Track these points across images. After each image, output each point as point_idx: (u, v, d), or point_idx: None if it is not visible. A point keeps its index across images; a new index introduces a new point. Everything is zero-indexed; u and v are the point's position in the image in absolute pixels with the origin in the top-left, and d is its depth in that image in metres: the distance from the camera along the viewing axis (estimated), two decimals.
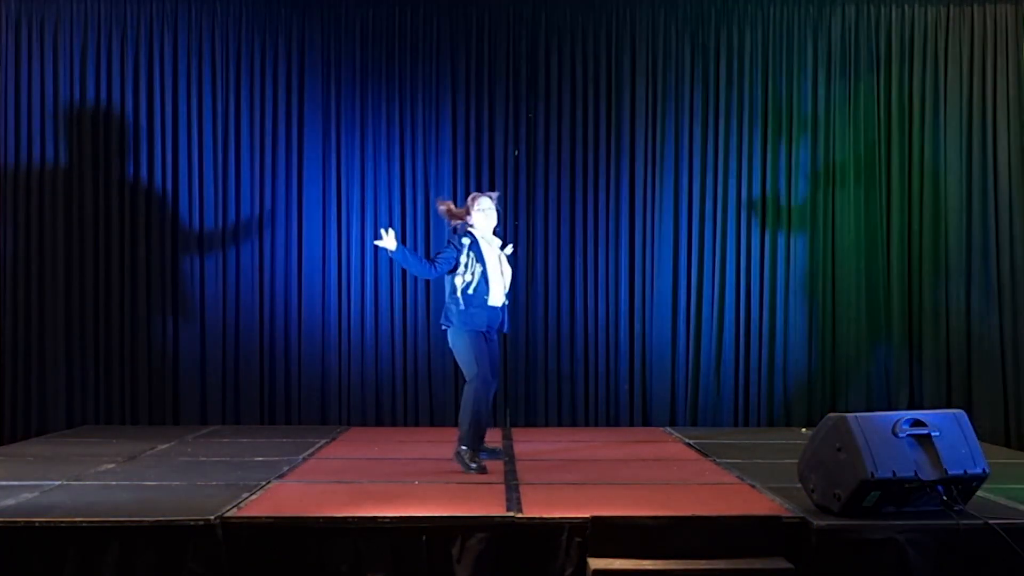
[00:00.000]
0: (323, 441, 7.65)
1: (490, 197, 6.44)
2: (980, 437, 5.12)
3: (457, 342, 6.29)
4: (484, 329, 6.26)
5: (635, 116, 8.89)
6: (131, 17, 8.80)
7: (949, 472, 4.86)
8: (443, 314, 6.36)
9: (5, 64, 8.77)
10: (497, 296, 6.30)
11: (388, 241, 6.20)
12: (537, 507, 5.09)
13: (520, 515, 4.92)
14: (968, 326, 8.78)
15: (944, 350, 8.81)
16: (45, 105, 8.77)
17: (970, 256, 8.81)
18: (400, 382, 8.81)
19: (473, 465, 6.15)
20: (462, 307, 6.20)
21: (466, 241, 6.28)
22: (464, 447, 6.21)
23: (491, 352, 6.34)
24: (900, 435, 4.87)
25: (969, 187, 8.84)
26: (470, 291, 6.21)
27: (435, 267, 6.28)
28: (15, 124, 8.77)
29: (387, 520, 4.86)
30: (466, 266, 6.23)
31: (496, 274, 6.29)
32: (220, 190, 8.84)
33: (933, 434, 4.90)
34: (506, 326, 6.49)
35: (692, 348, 8.85)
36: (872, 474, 4.74)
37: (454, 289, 6.27)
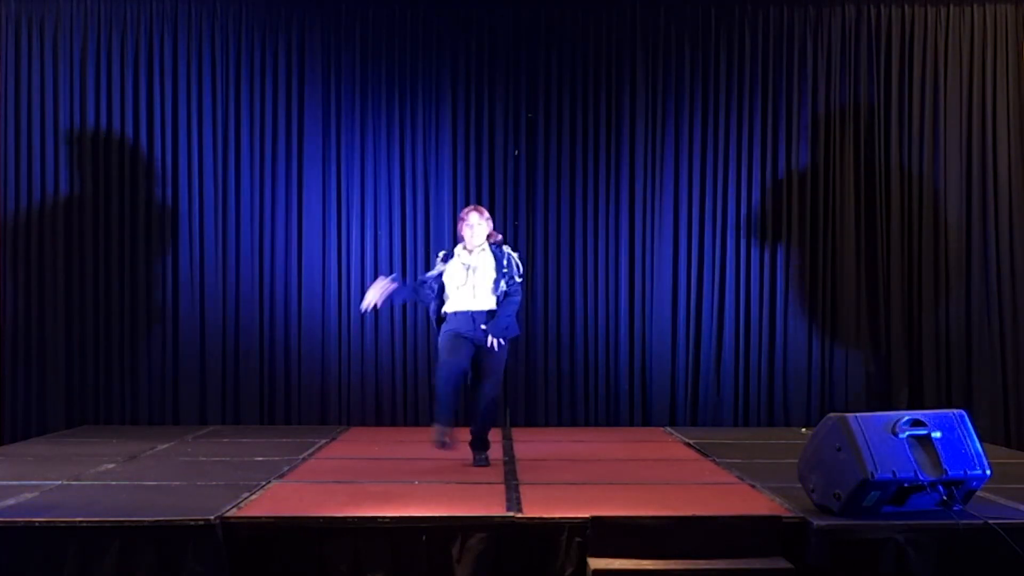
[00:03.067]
0: (323, 441, 7.65)
1: (476, 211, 6.64)
2: (980, 437, 5.11)
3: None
4: (453, 330, 6.54)
5: (635, 116, 8.89)
6: (131, 17, 8.80)
7: (949, 472, 4.85)
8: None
9: (5, 64, 8.77)
10: (458, 303, 6.51)
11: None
12: (537, 507, 5.09)
13: (520, 515, 4.92)
14: (968, 326, 8.78)
15: (944, 350, 8.81)
16: (45, 105, 8.77)
17: (970, 256, 8.81)
18: (400, 382, 8.81)
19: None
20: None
21: (442, 254, 6.73)
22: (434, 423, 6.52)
23: (463, 348, 6.49)
24: (900, 435, 4.87)
25: (969, 187, 8.84)
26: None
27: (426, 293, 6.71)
28: (15, 124, 8.76)
29: (387, 520, 4.86)
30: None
31: (455, 284, 6.52)
32: (220, 190, 8.84)
33: (933, 434, 4.90)
34: (478, 333, 6.48)
35: (692, 348, 8.85)
36: (872, 474, 4.74)
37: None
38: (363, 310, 6.74)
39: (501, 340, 6.46)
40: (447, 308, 6.56)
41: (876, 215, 8.84)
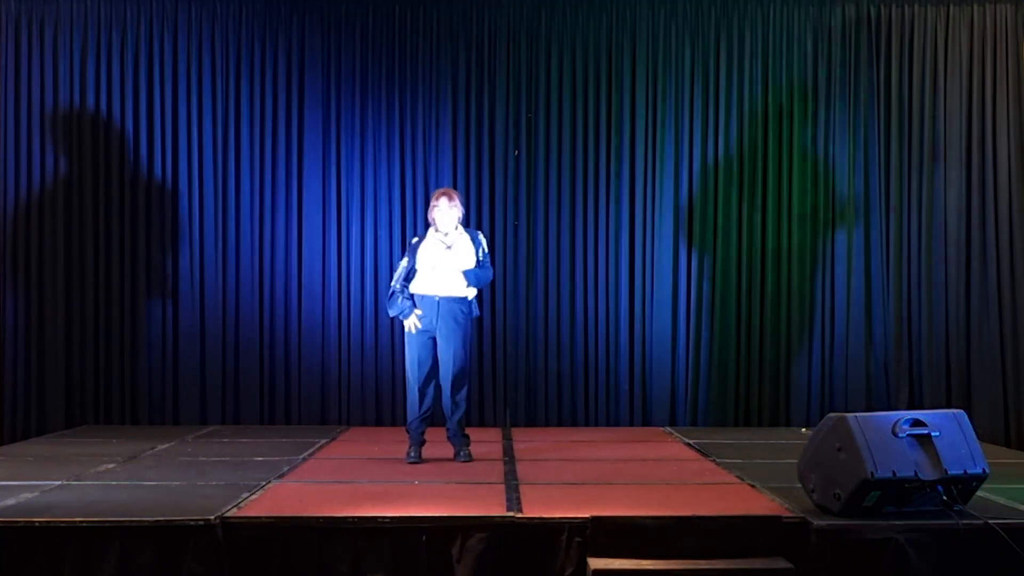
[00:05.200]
0: (323, 441, 7.65)
1: (447, 195, 6.66)
2: (980, 437, 5.12)
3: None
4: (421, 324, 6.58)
5: (635, 116, 8.89)
6: (131, 17, 8.80)
7: (949, 472, 4.86)
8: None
9: (5, 64, 8.77)
10: (428, 285, 6.55)
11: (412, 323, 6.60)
12: (537, 507, 5.09)
13: (520, 515, 4.93)
14: (968, 327, 8.78)
15: (944, 350, 8.80)
16: (45, 105, 8.77)
17: (970, 256, 8.81)
18: (400, 382, 8.77)
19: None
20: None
21: (415, 241, 6.75)
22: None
23: (428, 354, 6.61)
24: (900, 435, 4.88)
25: (968, 186, 8.84)
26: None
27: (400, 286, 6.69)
28: (15, 124, 8.76)
29: (387, 520, 4.86)
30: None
31: (429, 265, 6.55)
32: (220, 190, 8.84)
33: (933, 434, 4.91)
34: (436, 321, 6.56)
35: (692, 348, 8.85)
36: (872, 474, 4.75)
37: None
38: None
39: (468, 304, 6.55)
40: (414, 289, 6.60)
41: (875, 213, 8.83)
